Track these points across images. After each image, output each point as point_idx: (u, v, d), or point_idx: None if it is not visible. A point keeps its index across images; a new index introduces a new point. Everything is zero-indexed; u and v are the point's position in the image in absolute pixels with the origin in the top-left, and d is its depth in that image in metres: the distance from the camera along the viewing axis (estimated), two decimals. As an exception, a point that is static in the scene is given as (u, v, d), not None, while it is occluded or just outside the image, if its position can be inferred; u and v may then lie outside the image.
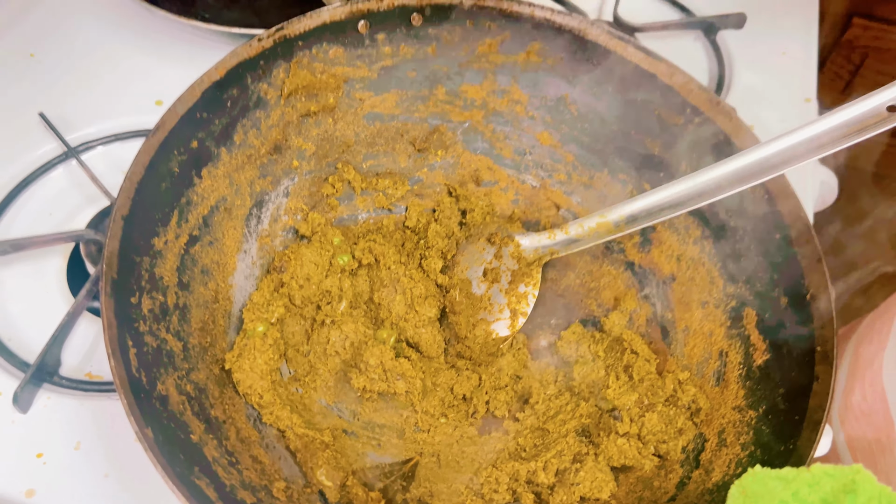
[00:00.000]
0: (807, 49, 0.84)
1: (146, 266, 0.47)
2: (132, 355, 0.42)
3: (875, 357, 0.67)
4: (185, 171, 0.51)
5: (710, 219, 0.56)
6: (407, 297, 0.52)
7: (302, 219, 0.57)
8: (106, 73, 0.73)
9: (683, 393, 0.51)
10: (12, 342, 0.58)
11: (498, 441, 0.52)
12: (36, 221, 0.65)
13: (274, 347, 0.49)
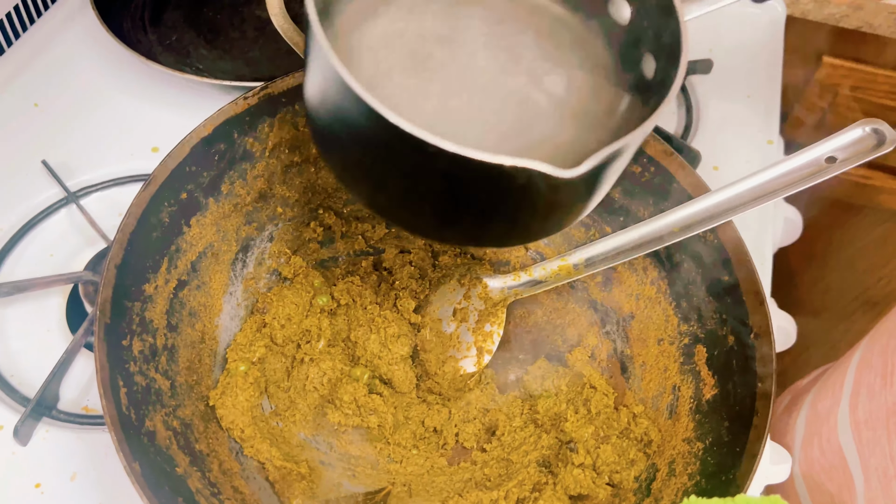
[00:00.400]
0: (770, 92, 0.88)
1: (137, 310, 0.51)
2: (122, 394, 0.46)
3: (830, 413, 0.70)
4: (175, 221, 0.55)
5: (666, 260, 0.60)
6: (381, 336, 0.56)
7: (285, 262, 0.61)
8: (105, 122, 0.78)
9: (636, 426, 0.55)
10: (14, 378, 0.62)
11: (466, 471, 0.55)
12: (38, 262, 0.69)
13: (254, 385, 0.53)
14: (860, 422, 0.65)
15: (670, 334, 0.59)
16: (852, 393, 0.68)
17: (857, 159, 0.53)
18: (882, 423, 0.61)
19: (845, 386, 0.69)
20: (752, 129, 0.85)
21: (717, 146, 0.83)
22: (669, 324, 0.59)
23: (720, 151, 0.82)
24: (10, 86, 0.79)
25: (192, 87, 0.78)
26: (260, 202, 0.61)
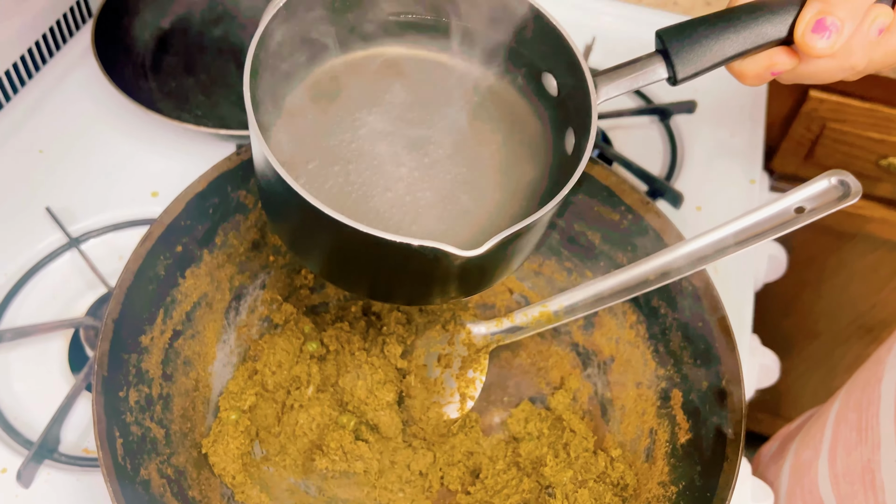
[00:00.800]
0: (753, 132, 0.91)
1: (134, 362, 0.53)
2: (119, 445, 0.49)
3: (811, 464, 0.71)
4: (171, 273, 0.57)
5: (644, 305, 0.62)
6: (368, 382, 0.58)
7: (276, 308, 0.64)
8: (106, 168, 0.81)
9: (613, 470, 0.57)
10: (17, 420, 0.64)
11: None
12: (41, 306, 0.71)
13: (245, 433, 0.55)
14: (838, 475, 0.67)
15: (648, 378, 0.61)
16: (831, 446, 0.69)
17: (824, 209, 0.55)
18: (858, 478, 0.63)
19: (825, 438, 0.71)
20: (734, 168, 0.87)
21: (700, 186, 0.85)
22: (647, 367, 0.61)
23: (703, 191, 0.84)
24: (16, 133, 0.82)
25: (190, 134, 0.81)
26: (252, 251, 0.63)
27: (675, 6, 1.06)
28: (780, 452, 0.84)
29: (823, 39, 0.41)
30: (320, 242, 0.45)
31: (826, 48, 0.42)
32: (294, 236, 0.48)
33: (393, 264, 0.43)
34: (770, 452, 0.89)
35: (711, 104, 0.92)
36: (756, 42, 0.43)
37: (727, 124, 0.91)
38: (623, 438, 0.60)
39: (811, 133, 1.16)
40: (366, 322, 0.64)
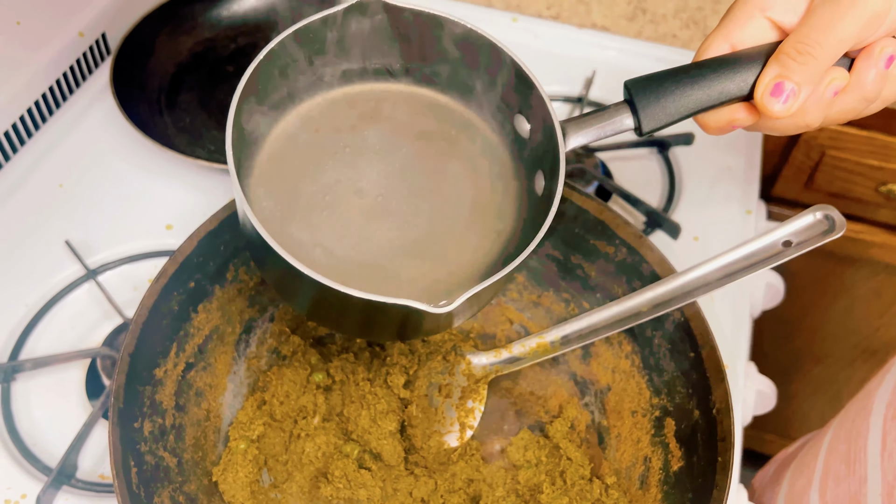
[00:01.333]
0: (750, 163, 0.93)
1: (148, 394, 0.56)
2: (133, 473, 0.51)
3: (804, 493, 0.73)
4: (184, 308, 0.60)
5: (639, 336, 0.64)
6: (371, 412, 0.61)
7: (284, 340, 0.66)
8: (123, 202, 0.84)
9: (608, 497, 0.59)
10: (36, 447, 0.67)
11: (451, 540, 0.60)
12: (60, 336, 0.74)
13: (253, 462, 0.58)
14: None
15: (643, 406, 0.63)
16: (822, 476, 0.70)
17: (811, 243, 0.58)
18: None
19: (817, 468, 0.72)
20: (731, 199, 0.89)
21: (698, 217, 0.87)
22: (642, 396, 0.63)
23: (701, 222, 0.86)
24: (37, 168, 0.86)
25: (204, 168, 0.84)
26: (262, 285, 0.66)
27: (675, 39, 1.09)
28: (776, 477, 0.85)
29: (780, 103, 0.44)
30: (300, 292, 0.49)
31: (782, 111, 0.44)
32: (277, 283, 0.52)
33: (368, 314, 0.46)
34: (767, 476, 0.91)
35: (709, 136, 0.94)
36: (718, 100, 0.46)
37: (724, 156, 0.93)
38: (618, 466, 0.62)
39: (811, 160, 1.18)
40: (370, 353, 0.66)
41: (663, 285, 0.61)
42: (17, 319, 0.74)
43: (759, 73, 0.45)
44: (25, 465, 0.65)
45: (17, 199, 0.83)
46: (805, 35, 0.44)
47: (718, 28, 0.48)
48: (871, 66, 0.44)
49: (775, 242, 0.59)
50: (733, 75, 0.45)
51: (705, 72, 0.46)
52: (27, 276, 0.77)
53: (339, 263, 0.48)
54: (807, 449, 0.81)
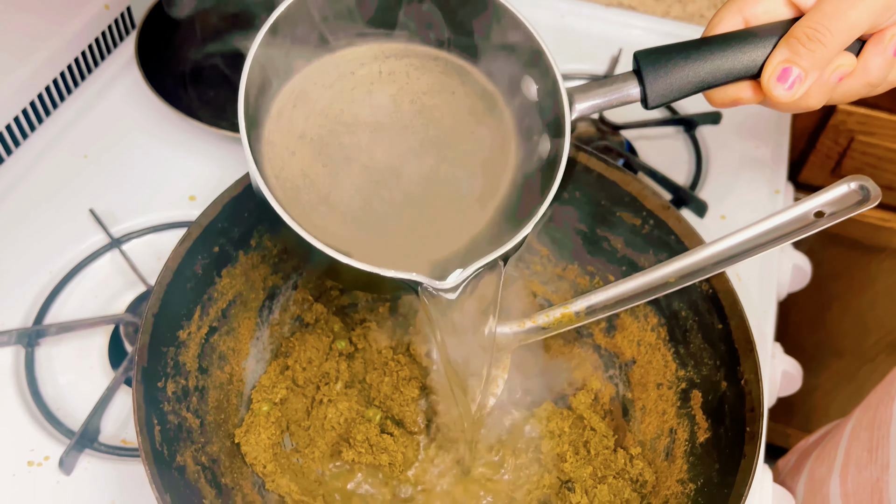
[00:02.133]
0: (779, 142, 0.91)
1: (171, 355, 0.56)
2: (157, 432, 0.51)
3: (824, 482, 0.72)
4: (208, 272, 0.60)
5: (665, 308, 0.64)
6: (394, 378, 0.60)
7: (307, 308, 0.66)
8: (147, 172, 0.84)
9: (633, 467, 0.58)
10: (60, 411, 0.67)
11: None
12: (83, 303, 0.74)
13: (276, 424, 0.58)
14: (849, 493, 0.67)
15: (669, 379, 0.62)
16: (843, 464, 0.69)
17: (843, 214, 0.56)
18: (867, 497, 0.63)
19: (838, 456, 0.71)
20: (759, 178, 0.88)
21: (724, 196, 0.86)
22: (668, 369, 0.62)
23: (728, 201, 0.85)
24: (62, 139, 0.86)
25: (227, 140, 0.84)
26: (285, 253, 0.66)
27: (702, 19, 1.07)
28: (797, 467, 0.84)
29: (785, 88, 0.44)
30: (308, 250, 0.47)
31: (786, 96, 0.44)
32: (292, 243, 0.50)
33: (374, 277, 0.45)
34: (788, 466, 0.90)
35: (737, 115, 0.93)
36: (726, 78, 0.45)
37: (752, 135, 0.92)
38: (643, 437, 0.61)
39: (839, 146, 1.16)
40: (392, 322, 0.66)
41: (692, 255, 0.59)
42: (41, 286, 0.75)
43: (768, 56, 0.44)
44: (49, 428, 0.66)
45: (41, 169, 0.83)
46: (817, 21, 0.43)
47: (733, 0, 0.47)
48: (879, 52, 0.44)
49: (807, 213, 0.57)
50: (742, 55, 0.45)
51: (714, 49, 0.45)
52: (52, 244, 0.77)
53: (344, 224, 0.47)
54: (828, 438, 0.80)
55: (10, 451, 0.64)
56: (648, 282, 0.60)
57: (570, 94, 0.46)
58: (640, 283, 0.60)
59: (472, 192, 0.50)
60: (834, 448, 0.74)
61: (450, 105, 0.52)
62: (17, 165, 0.83)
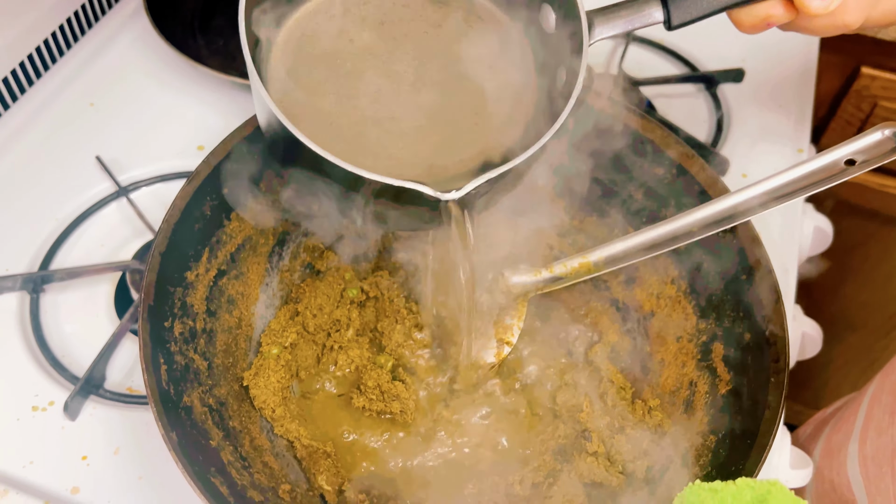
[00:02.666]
0: (803, 102, 0.89)
1: (179, 295, 0.54)
2: (163, 371, 0.50)
3: (842, 447, 0.70)
4: (216, 215, 0.58)
5: (686, 260, 0.62)
6: (406, 326, 0.59)
7: (318, 256, 0.64)
8: (155, 121, 0.82)
9: (651, 418, 0.56)
10: (65, 358, 0.66)
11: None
12: (90, 252, 0.73)
13: (286, 368, 0.56)
14: (868, 457, 0.65)
15: (689, 332, 0.60)
16: (862, 427, 0.68)
17: (875, 162, 0.54)
18: (887, 460, 0.62)
19: (857, 420, 0.70)
20: (782, 138, 0.85)
21: (746, 154, 0.84)
22: (688, 322, 0.60)
23: (749, 159, 0.83)
24: (68, 86, 0.84)
25: (237, 89, 0.82)
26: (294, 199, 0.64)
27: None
28: (813, 436, 0.83)
29: (820, 0, 0.41)
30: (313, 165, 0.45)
31: (821, 8, 0.41)
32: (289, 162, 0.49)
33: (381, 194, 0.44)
34: (804, 435, 0.88)
35: (760, 73, 0.90)
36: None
37: (776, 95, 0.89)
38: (662, 390, 0.60)
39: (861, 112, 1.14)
40: (405, 272, 0.64)
41: (717, 203, 0.57)
42: (46, 233, 0.73)
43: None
44: (53, 373, 0.64)
45: (47, 117, 0.82)
46: None
47: None
48: None
49: (838, 161, 0.55)
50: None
51: None
52: (57, 191, 0.76)
53: (350, 146, 0.46)
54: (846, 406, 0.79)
55: (15, 395, 0.62)
56: (670, 231, 0.58)
57: (589, 17, 0.44)
58: (662, 232, 0.58)
59: (482, 117, 0.48)
60: (853, 414, 0.73)
61: (463, 33, 0.50)
62: (22, 113, 0.81)
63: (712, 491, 0.40)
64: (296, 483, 0.52)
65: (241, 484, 0.48)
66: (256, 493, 0.49)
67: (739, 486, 0.40)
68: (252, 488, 0.49)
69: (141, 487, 0.58)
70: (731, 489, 0.40)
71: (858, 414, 0.72)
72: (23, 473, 0.59)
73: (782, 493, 0.38)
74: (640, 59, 0.93)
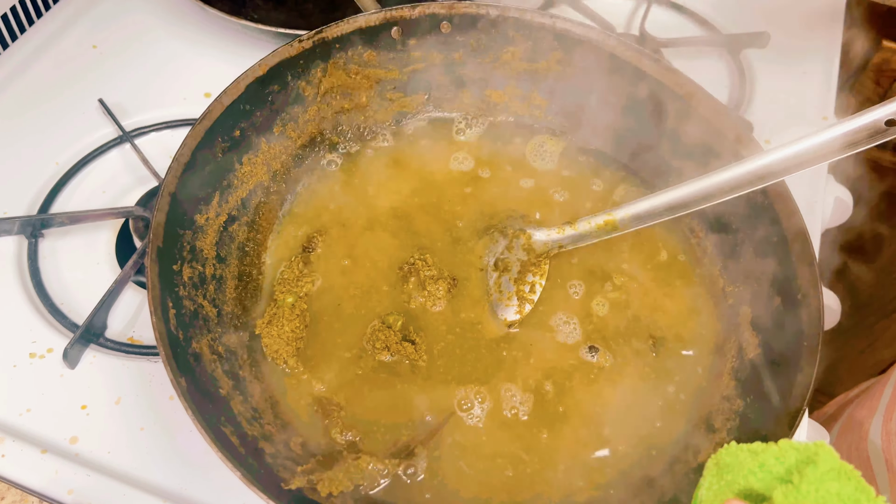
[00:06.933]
0: (828, 70, 0.86)
1: (188, 239, 0.52)
2: (171, 315, 0.47)
3: (865, 422, 0.69)
4: (228, 157, 0.56)
5: (713, 221, 0.59)
6: (420, 277, 0.56)
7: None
8: (160, 66, 0.79)
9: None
10: (64, 306, 0.63)
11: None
12: (91, 198, 0.70)
13: (300, 318, 0.54)
14: (892, 432, 0.64)
15: (716, 295, 0.58)
16: (889, 403, 0.67)
17: (918, 122, 0.52)
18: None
19: (883, 396, 0.69)
20: (807, 104, 0.83)
21: (769, 120, 0.81)
22: (715, 285, 0.58)
23: (773, 125, 0.81)
24: (70, 28, 0.81)
25: (247, 34, 0.79)
26: (310, 146, 0.61)
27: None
28: (834, 416, 0.82)
29: None
30: None
31: None
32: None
33: None
34: (825, 416, 0.87)
35: (784, 39, 0.88)
36: None
37: (800, 61, 0.87)
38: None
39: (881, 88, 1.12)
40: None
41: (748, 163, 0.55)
42: (46, 177, 0.70)
43: None
44: (52, 320, 0.62)
45: (48, 58, 0.79)
46: None
47: None
48: None
49: (878, 121, 0.53)
50: None
51: None
52: (59, 135, 0.73)
53: None
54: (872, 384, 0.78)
55: (11, 341, 0.60)
56: (700, 189, 0.56)
57: None
58: (692, 190, 0.56)
59: None
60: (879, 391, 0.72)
61: None
62: (23, 52, 0.78)
63: (752, 452, 0.38)
64: (308, 436, 0.50)
65: (251, 435, 0.46)
66: (268, 445, 0.47)
67: (782, 447, 0.38)
68: (263, 439, 0.47)
69: (143, 438, 0.55)
70: (772, 450, 0.38)
71: (885, 390, 0.70)
72: (20, 422, 0.56)
73: (830, 455, 0.36)
74: (663, 20, 0.90)
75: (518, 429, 0.53)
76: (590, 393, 0.55)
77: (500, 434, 0.53)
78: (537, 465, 0.52)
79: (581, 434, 0.54)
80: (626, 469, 0.52)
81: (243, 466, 0.42)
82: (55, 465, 0.54)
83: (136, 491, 0.53)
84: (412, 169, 0.65)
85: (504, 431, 0.53)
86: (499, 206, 0.64)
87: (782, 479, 0.36)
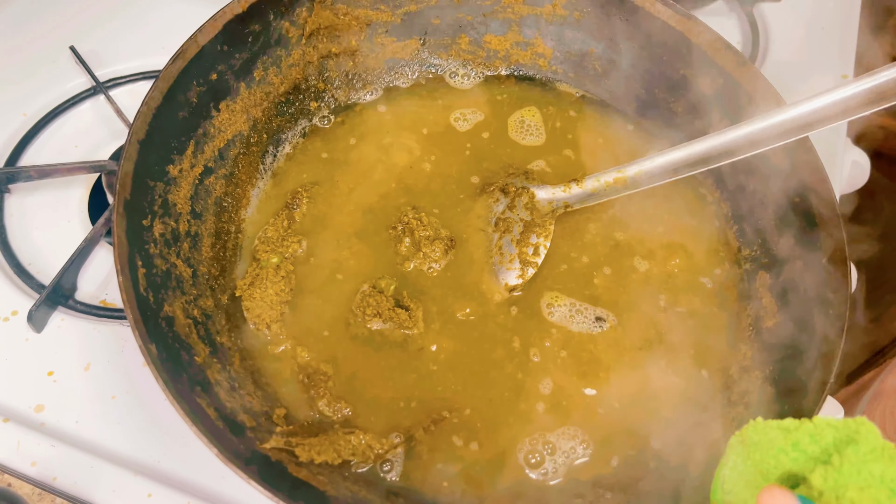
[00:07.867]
0: (847, 24, 0.82)
1: (160, 191, 0.47)
2: (141, 275, 0.43)
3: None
4: (203, 103, 0.51)
5: (729, 182, 0.55)
6: (415, 237, 0.52)
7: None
8: (138, 14, 0.74)
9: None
10: (31, 266, 0.59)
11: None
12: (62, 152, 0.65)
13: (286, 280, 0.50)
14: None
15: (730, 261, 0.54)
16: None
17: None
18: None
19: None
20: (825, 62, 0.78)
21: (784, 78, 0.76)
22: (729, 249, 0.54)
23: (789, 84, 0.75)
24: (40, -30, 0.76)
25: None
26: (293, 93, 0.57)
27: None
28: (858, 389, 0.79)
29: None
30: None
31: None
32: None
33: None
34: (849, 393, 0.85)
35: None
36: None
37: (817, 16, 0.82)
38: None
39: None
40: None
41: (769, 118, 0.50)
42: (14, 128, 0.65)
43: None
44: (17, 281, 0.57)
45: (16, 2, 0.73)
46: None
47: None
48: None
49: (902, 76, 0.48)
50: None
51: None
52: (27, 84, 0.68)
53: None
54: None
55: (-28, 303, 0.56)
56: (716, 145, 0.51)
57: None
58: (707, 146, 0.52)
59: None
60: None
61: None
62: (-13, -5, 0.73)
63: (783, 430, 0.34)
64: (292, 407, 0.46)
65: (230, 406, 0.42)
66: (248, 418, 0.43)
67: (818, 424, 0.33)
68: (243, 412, 0.43)
69: (115, 406, 0.51)
70: (807, 428, 0.34)
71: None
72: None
73: (872, 433, 0.32)
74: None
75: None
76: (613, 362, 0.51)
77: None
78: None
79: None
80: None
81: (220, 441, 0.38)
82: (18, 435, 0.50)
83: (106, 463, 0.49)
84: (405, 122, 0.60)
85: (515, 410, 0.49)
86: (499, 162, 0.59)
87: (818, 459, 0.32)
